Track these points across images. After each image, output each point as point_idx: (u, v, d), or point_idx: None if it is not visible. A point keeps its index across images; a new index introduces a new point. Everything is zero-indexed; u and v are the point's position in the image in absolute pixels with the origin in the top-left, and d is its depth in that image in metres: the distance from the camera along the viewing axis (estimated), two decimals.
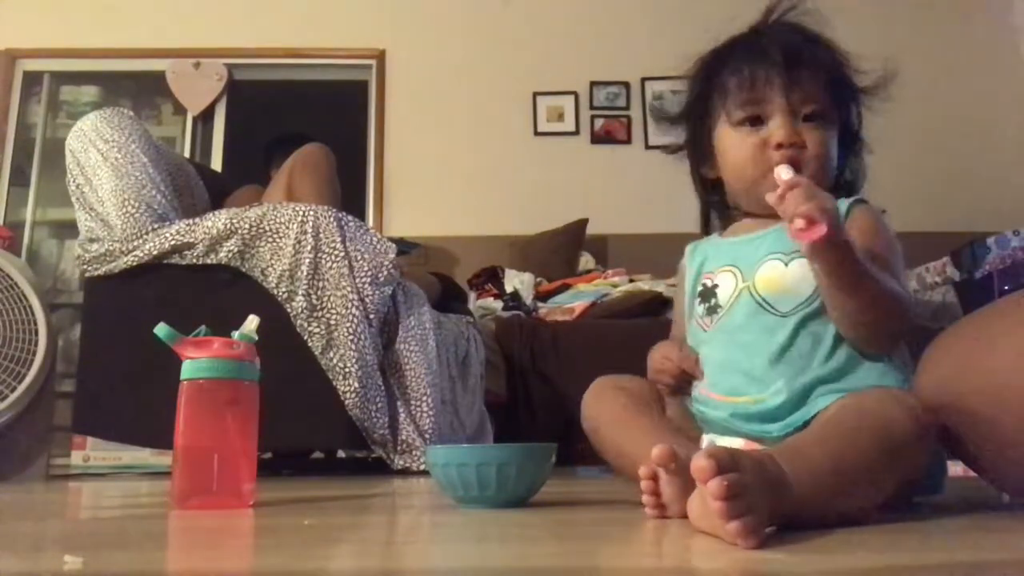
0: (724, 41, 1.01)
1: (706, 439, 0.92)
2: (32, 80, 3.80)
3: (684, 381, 0.95)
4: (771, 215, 0.89)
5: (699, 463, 0.56)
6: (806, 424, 0.79)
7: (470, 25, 3.93)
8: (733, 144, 0.96)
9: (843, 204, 0.93)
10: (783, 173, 0.85)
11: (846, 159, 1.00)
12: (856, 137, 1.00)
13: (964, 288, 3.06)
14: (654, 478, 0.71)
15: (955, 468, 1.47)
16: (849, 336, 0.85)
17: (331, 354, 1.78)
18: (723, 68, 0.98)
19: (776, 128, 0.92)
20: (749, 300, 0.91)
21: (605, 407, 0.96)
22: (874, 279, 0.81)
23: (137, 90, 3.87)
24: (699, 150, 1.03)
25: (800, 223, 0.74)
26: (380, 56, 3.88)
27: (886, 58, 0.95)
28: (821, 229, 0.74)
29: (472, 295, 3.11)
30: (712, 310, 0.95)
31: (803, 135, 0.92)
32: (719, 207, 1.06)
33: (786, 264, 0.90)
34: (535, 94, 3.87)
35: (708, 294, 0.97)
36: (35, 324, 2.06)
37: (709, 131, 1.00)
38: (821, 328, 0.86)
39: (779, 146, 0.92)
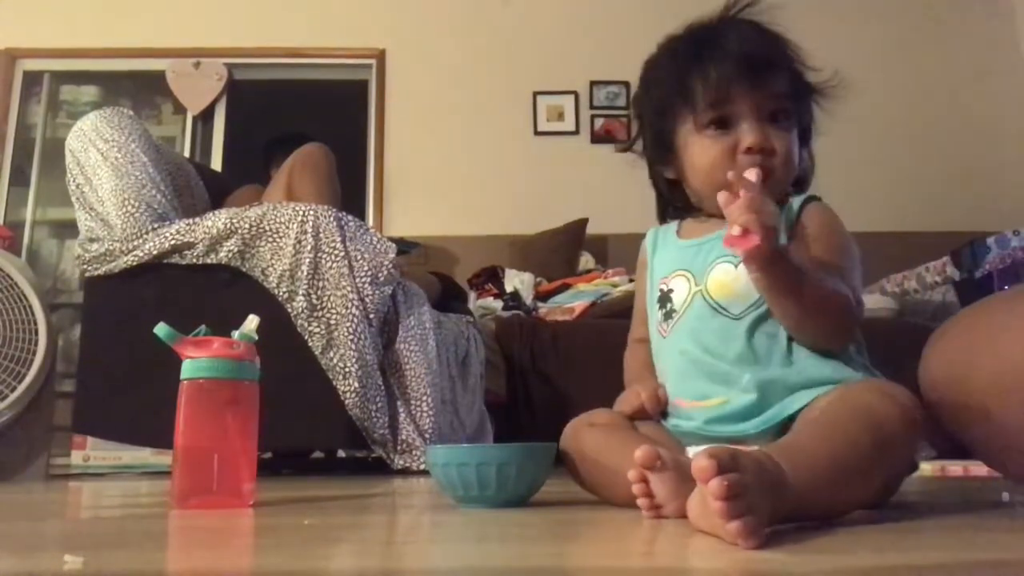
0: (679, 37, 0.98)
1: (690, 451, 0.88)
2: (32, 80, 3.80)
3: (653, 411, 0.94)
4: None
5: (700, 463, 0.56)
6: (786, 421, 0.80)
7: (470, 25, 3.93)
8: (701, 148, 0.94)
9: (795, 201, 0.94)
10: (751, 176, 0.84)
11: (801, 156, 0.99)
12: (808, 132, 0.99)
13: (964, 288, 3.06)
14: (644, 480, 0.72)
15: (955, 468, 1.47)
16: (797, 338, 0.85)
17: (331, 354, 1.78)
18: (686, 69, 0.95)
19: (747, 133, 0.91)
20: (703, 304, 0.91)
21: (583, 439, 0.91)
22: (813, 284, 0.81)
23: (137, 90, 3.87)
24: (659, 151, 1.00)
25: (736, 230, 0.75)
26: (380, 56, 3.88)
27: (836, 69, 0.94)
28: (753, 240, 0.74)
29: (472, 295, 3.11)
30: (668, 315, 0.95)
31: (771, 138, 0.91)
32: (678, 206, 1.03)
33: (735, 266, 0.89)
34: (535, 94, 3.87)
35: (664, 299, 0.97)
36: (35, 324, 2.06)
37: (671, 132, 0.97)
38: (774, 328, 0.86)
39: (749, 150, 0.90)
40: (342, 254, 1.80)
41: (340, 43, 3.87)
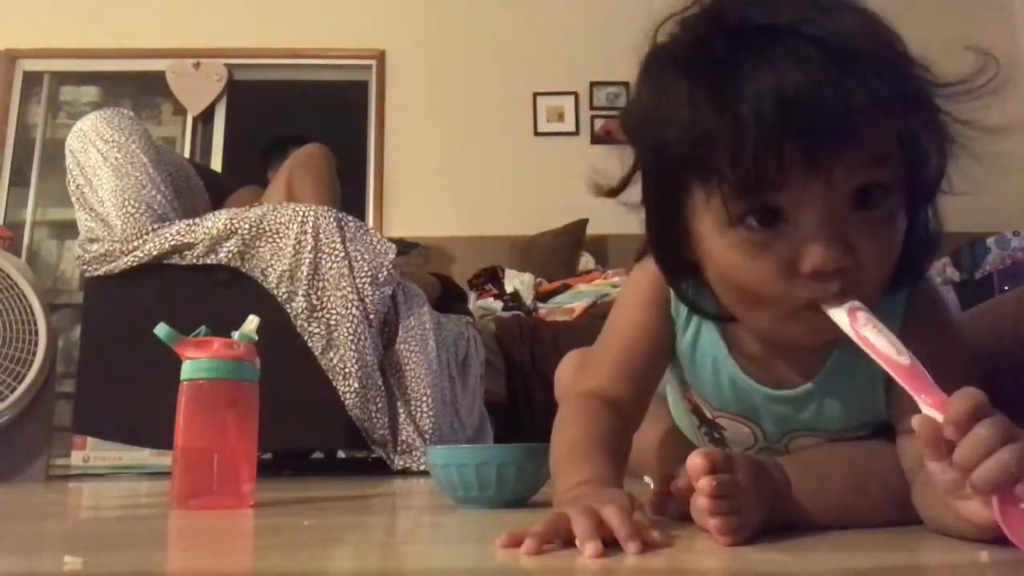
0: (698, 41, 0.56)
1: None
2: (32, 80, 3.80)
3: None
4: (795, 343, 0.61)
5: (693, 460, 0.56)
6: None
7: (470, 25, 3.93)
8: (731, 256, 0.56)
9: (898, 306, 0.63)
10: (840, 318, 0.54)
11: (914, 224, 0.60)
12: (935, 189, 0.60)
13: (964, 289, 3.06)
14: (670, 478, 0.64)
15: None
16: None
17: (331, 354, 1.78)
18: (707, 107, 0.53)
19: (813, 244, 0.53)
20: (776, 453, 0.71)
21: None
22: None
23: (137, 90, 3.87)
24: (665, 223, 0.62)
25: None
26: (380, 56, 3.88)
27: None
28: None
29: (472, 295, 3.11)
30: (719, 443, 0.75)
31: (853, 242, 0.54)
32: (698, 299, 0.66)
33: (829, 440, 0.69)
34: (535, 94, 3.87)
35: (710, 425, 0.75)
36: (35, 324, 2.05)
37: (681, 208, 0.59)
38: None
39: (816, 276, 0.54)
40: (342, 255, 1.80)
41: (340, 44, 3.87)
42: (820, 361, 0.65)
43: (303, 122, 3.11)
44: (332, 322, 1.78)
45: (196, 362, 0.90)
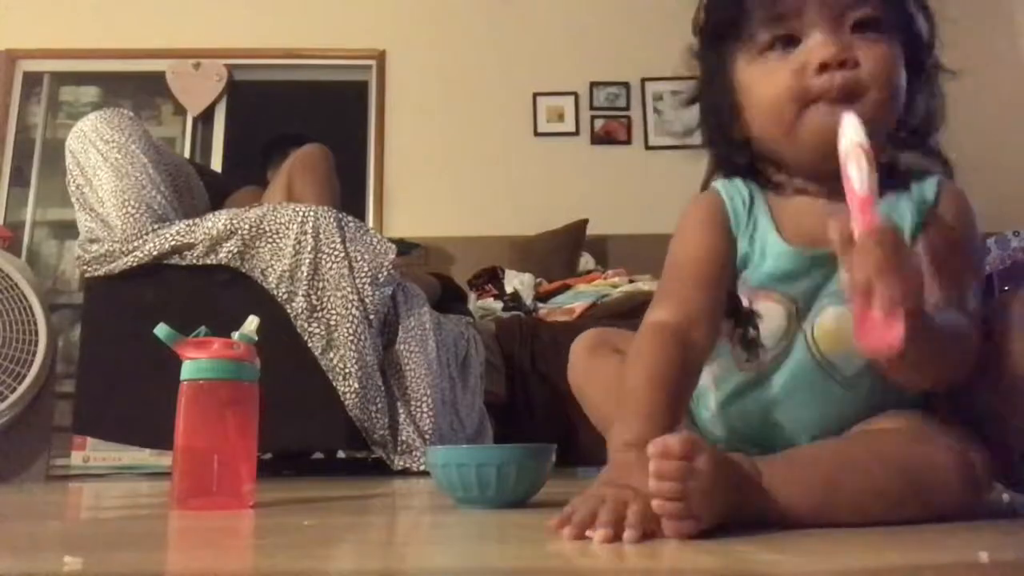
0: None
1: None
2: (32, 80, 3.80)
3: None
4: (830, 180, 0.68)
5: (654, 444, 0.56)
6: None
7: (470, 25, 3.93)
8: (760, 76, 0.71)
9: (929, 188, 0.73)
10: (848, 125, 0.61)
11: (915, 91, 0.74)
12: (928, 55, 0.76)
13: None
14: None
15: None
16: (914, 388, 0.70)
17: (331, 354, 1.78)
18: None
19: (817, 43, 0.68)
20: (806, 357, 0.72)
21: (595, 369, 0.84)
22: (953, 340, 0.64)
23: (137, 91, 3.87)
24: (721, 109, 0.76)
25: (877, 314, 0.54)
26: (380, 56, 3.88)
27: None
28: (896, 335, 0.53)
29: (472, 295, 3.11)
30: (749, 345, 0.74)
31: (855, 49, 0.68)
32: (755, 165, 0.77)
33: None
34: (535, 94, 3.87)
35: (741, 316, 0.75)
36: (35, 324, 2.05)
37: (730, 77, 0.74)
38: (886, 391, 0.71)
39: (823, 67, 0.67)
40: (342, 255, 1.80)
41: (340, 44, 3.87)
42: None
43: (303, 122, 3.12)
44: (332, 322, 1.78)
45: (196, 362, 0.90)
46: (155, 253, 1.80)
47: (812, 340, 0.72)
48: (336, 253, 1.80)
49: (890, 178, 0.72)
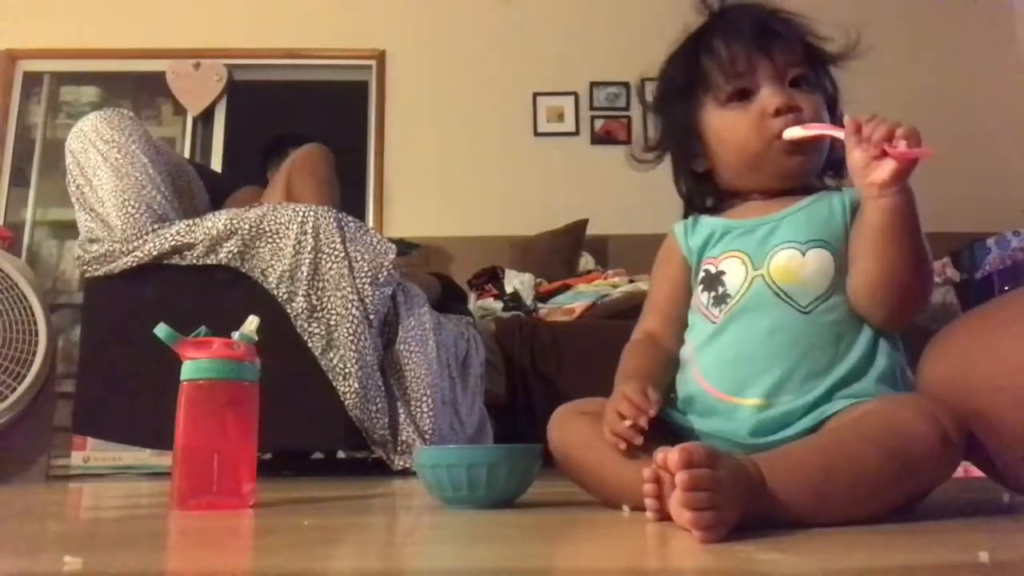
0: (686, 36, 0.99)
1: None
2: (32, 80, 3.80)
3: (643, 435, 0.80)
4: (780, 192, 0.91)
5: (672, 455, 0.59)
6: (817, 426, 0.77)
7: (470, 25, 3.93)
8: (728, 123, 0.92)
9: (848, 191, 0.90)
10: (795, 132, 0.86)
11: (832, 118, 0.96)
12: (835, 105, 0.97)
13: (964, 289, 3.06)
14: (657, 480, 0.68)
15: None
16: (875, 306, 0.82)
17: (331, 354, 1.78)
18: (698, 52, 0.95)
19: (770, 95, 0.89)
20: (765, 290, 0.86)
21: (570, 432, 0.89)
22: (922, 234, 0.79)
23: (137, 91, 3.88)
24: (684, 142, 0.98)
25: (902, 144, 0.73)
26: (380, 56, 3.88)
27: (848, 28, 0.93)
28: (922, 149, 0.72)
29: (472, 295, 3.11)
30: (720, 300, 0.89)
31: (796, 98, 0.89)
32: (712, 197, 1.00)
33: (803, 254, 0.85)
34: (535, 94, 3.87)
35: (713, 281, 0.91)
36: (35, 325, 2.05)
37: (694, 123, 0.96)
38: (841, 322, 0.83)
39: (777, 112, 0.89)
40: (342, 255, 1.80)
41: (340, 44, 3.87)
42: (787, 206, 0.91)
43: (303, 122, 3.12)
44: (332, 322, 1.78)
45: (196, 362, 0.90)
46: (155, 253, 1.80)
47: (769, 277, 0.86)
48: (336, 253, 1.80)
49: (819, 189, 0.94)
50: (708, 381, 0.87)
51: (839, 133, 0.80)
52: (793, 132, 0.87)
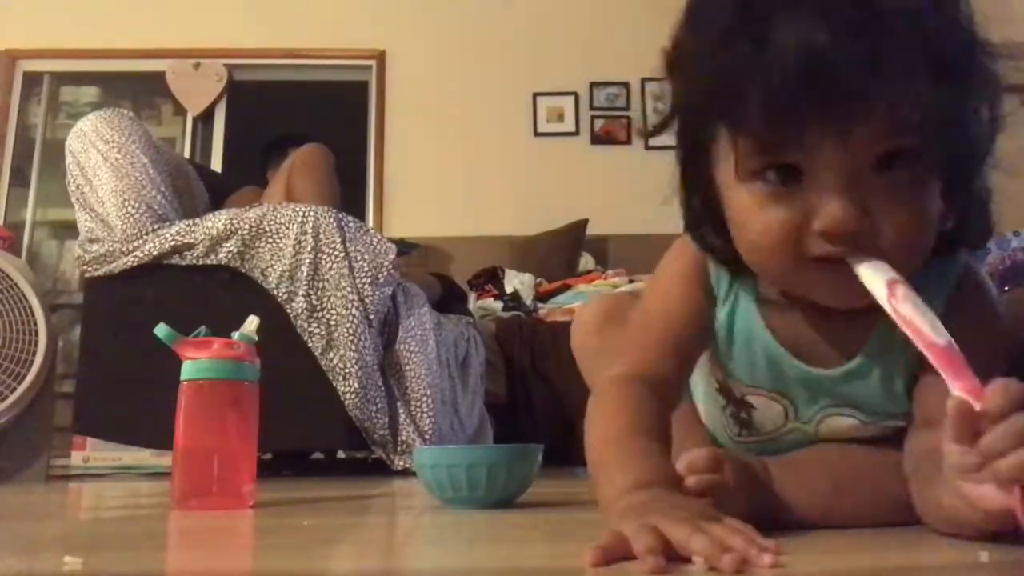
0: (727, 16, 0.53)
1: None
2: (32, 80, 3.80)
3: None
4: (817, 305, 0.59)
5: (683, 460, 0.56)
6: None
7: (470, 25, 3.93)
8: (747, 208, 0.56)
9: (952, 273, 0.62)
10: (868, 276, 0.52)
11: (954, 201, 0.58)
12: (978, 163, 0.60)
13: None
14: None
15: None
16: None
17: (331, 355, 1.78)
18: (729, 71, 0.52)
19: (827, 202, 0.52)
20: (807, 438, 0.68)
21: (609, 342, 0.77)
22: None
23: (137, 91, 3.88)
24: (692, 168, 0.62)
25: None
26: (380, 56, 3.88)
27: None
28: None
29: (472, 296, 3.11)
30: (745, 425, 0.71)
31: (874, 208, 0.52)
32: (724, 258, 0.64)
33: (864, 423, 0.66)
34: (535, 94, 3.87)
35: (736, 403, 0.71)
36: (35, 325, 2.05)
37: (708, 167, 0.60)
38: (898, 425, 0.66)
39: (831, 237, 0.52)
40: (342, 255, 1.80)
41: (340, 44, 3.87)
42: (860, 342, 0.62)
43: (303, 122, 3.12)
44: (332, 322, 1.78)
45: (196, 362, 0.90)
46: (155, 253, 1.80)
47: (816, 434, 0.68)
48: (336, 253, 1.80)
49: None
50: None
51: (925, 349, 0.49)
52: (866, 278, 0.52)
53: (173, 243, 1.80)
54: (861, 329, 0.61)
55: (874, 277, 0.52)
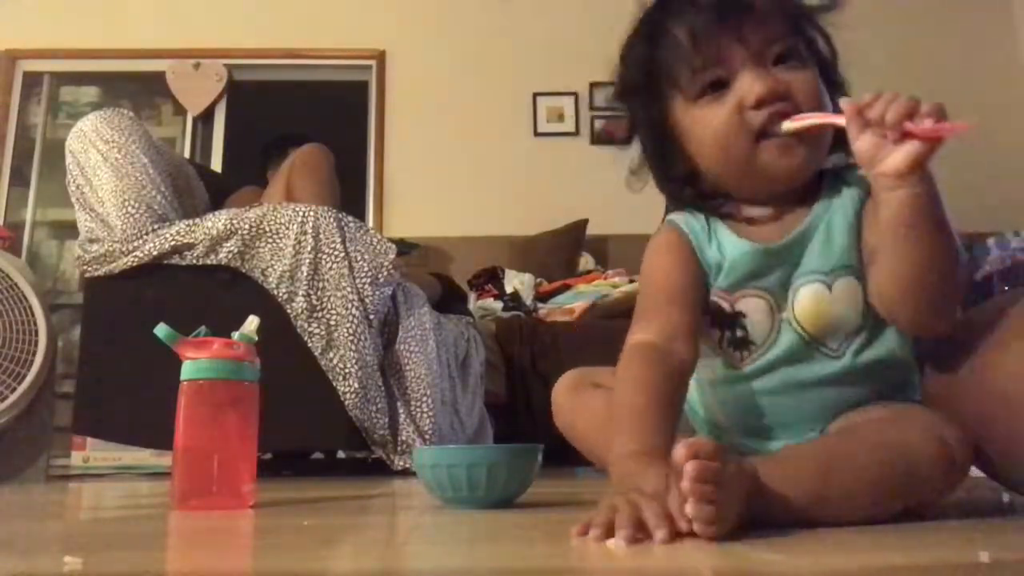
0: (638, 19, 0.85)
1: None
2: (32, 80, 3.80)
3: None
4: (776, 196, 0.77)
5: (679, 449, 0.56)
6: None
7: (470, 25, 3.93)
8: (702, 123, 0.76)
9: (854, 178, 0.78)
10: (787, 125, 0.72)
11: (834, 103, 0.78)
12: (835, 74, 0.80)
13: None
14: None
15: None
16: (902, 308, 0.71)
17: (331, 355, 1.78)
18: (657, 38, 0.79)
19: (749, 82, 0.73)
20: (795, 338, 0.76)
21: (582, 405, 0.86)
22: (949, 225, 0.68)
23: (137, 91, 3.87)
24: (659, 146, 0.82)
25: (929, 122, 0.62)
26: (380, 57, 3.88)
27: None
28: (954, 124, 0.62)
29: (472, 295, 3.11)
30: (741, 344, 0.78)
31: (783, 80, 0.73)
32: (703, 201, 0.82)
33: (830, 288, 0.75)
34: (535, 95, 3.87)
35: (728, 321, 0.78)
36: (35, 325, 2.06)
37: (664, 122, 0.81)
38: (874, 356, 0.76)
39: (760, 102, 0.73)
40: (342, 255, 1.80)
41: (340, 44, 3.87)
42: (800, 222, 0.77)
43: (303, 122, 3.12)
44: (332, 322, 1.78)
45: (196, 362, 0.90)
46: (155, 253, 1.80)
47: (796, 323, 0.76)
48: (336, 253, 1.80)
49: (821, 182, 0.79)
50: (724, 418, 0.83)
51: (839, 120, 0.68)
52: (787, 125, 0.72)
53: (173, 243, 1.80)
54: (801, 216, 0.77)
55: (788, 122, 0.72)
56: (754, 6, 0.74)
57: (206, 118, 3.80)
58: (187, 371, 0.90)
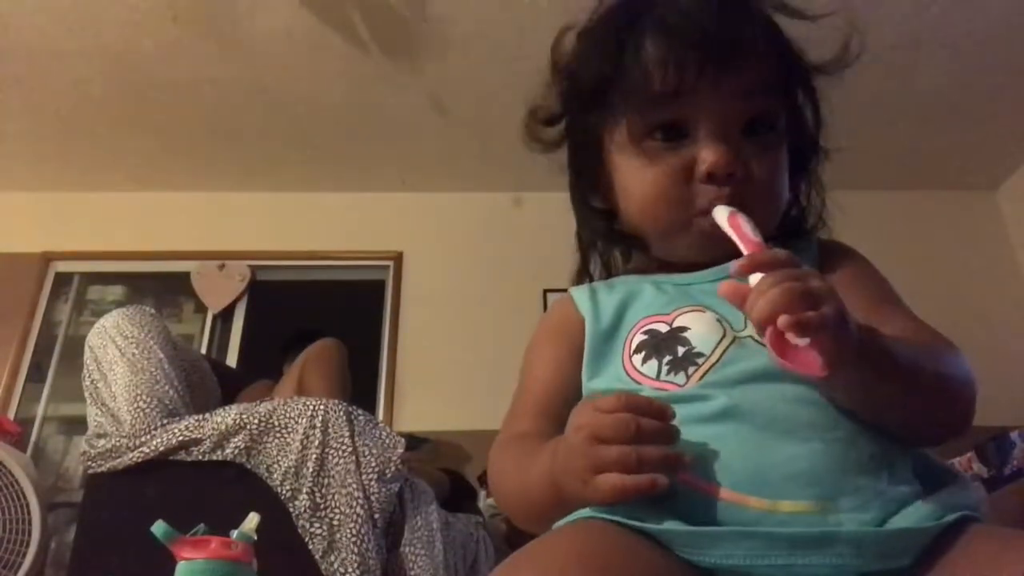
0: (607, 10, 0.68)
1: None
2: (63, 280, 3.95)
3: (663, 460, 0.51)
4: (706, 264, 0.66)
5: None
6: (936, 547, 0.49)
7: (483, 227, 4.14)
8: (636, 168, 0.64)
9: (806, 248, 0.69)
10: (721, 215, 0.59)
11: (799, 184, 0.70)
12: (813, 149, 0.69)
13: (993, 485, 2.95)
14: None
15: None
16: (911, 437, 0.56)
17: (332, 557, 1.69)
18: (616, 38, 0.64)
19: (708, 148, 0.61)
20: (758, 348, 0.58)
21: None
22: (909, 352, 0.54)
23: (161, 289, 4.01)
24: (583, 170, 0.72)
25: (792, 337, 0.46)
26: (398, 257, 4.05)
27: (846, 23, 0.66)
28: (815, 361, 0.46)
29: (482, 493, 3.01)
30: (681, 363, 0.59)
31: (745, 158, 0.62)
32: (614, 239, 0.74)
33: None
34: (545, 291, 3.99)
35: (665, 343, 0.61)
36: (29, 525, 1.99)
37: (598, 141, 0.69)
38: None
39: (710, 177, 0.61)
40: (349, 449, 1.77)
41: (360, 246, 4.06)
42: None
43: (320, 319, 3.20)
44: (335, 522, 1.71)
45: (191, 564, 0.85)
46: (161, 448, 1.77)
47: (757, 337, 0.57)
48: (344, 447, 1.77)
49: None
50: (718, 484, 0.54)
51: (749, 250, 0.56)
52: (718, 215, 0.60)
53: (181, 438, 1.78)
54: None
55: (723, 211, 0.60)
56: (744, 46, 0.61)
57: (225, 315, 3.90)
58: (181, 574, 0.85)
